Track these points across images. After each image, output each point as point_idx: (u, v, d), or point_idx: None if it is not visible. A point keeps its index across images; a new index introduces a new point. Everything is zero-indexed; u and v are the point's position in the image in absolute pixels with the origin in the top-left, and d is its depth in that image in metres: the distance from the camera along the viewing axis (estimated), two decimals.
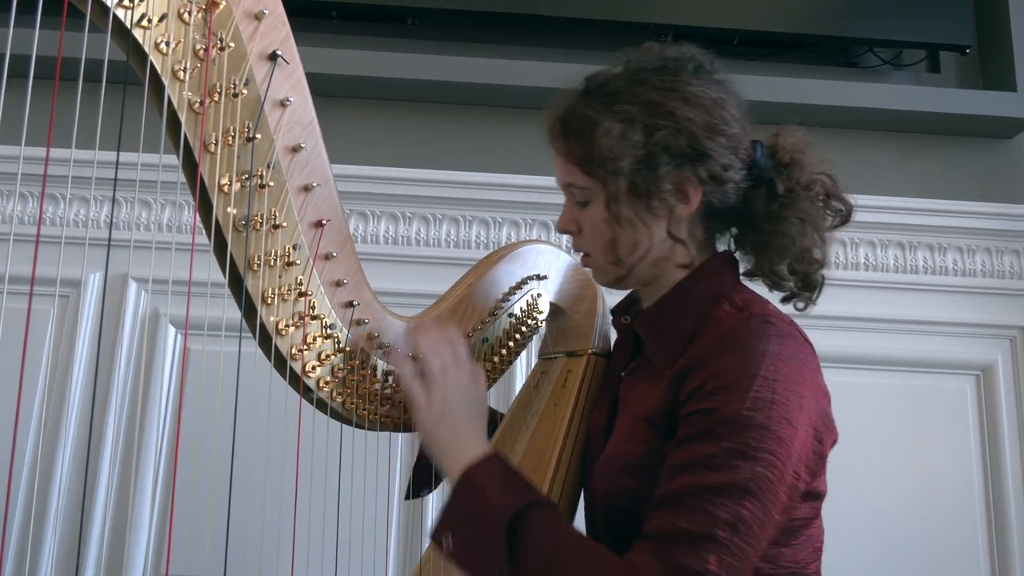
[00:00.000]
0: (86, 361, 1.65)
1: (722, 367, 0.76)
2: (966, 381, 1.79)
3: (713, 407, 0.74)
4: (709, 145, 0.82)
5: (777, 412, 0.73)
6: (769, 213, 0.87)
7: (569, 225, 0.90)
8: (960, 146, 1.92)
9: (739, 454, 0.72)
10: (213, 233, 0.78)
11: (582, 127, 0.84)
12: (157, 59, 0.72)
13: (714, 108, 0.83)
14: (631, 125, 0.81)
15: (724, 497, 0.71)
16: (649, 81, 0.84)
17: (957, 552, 1.71)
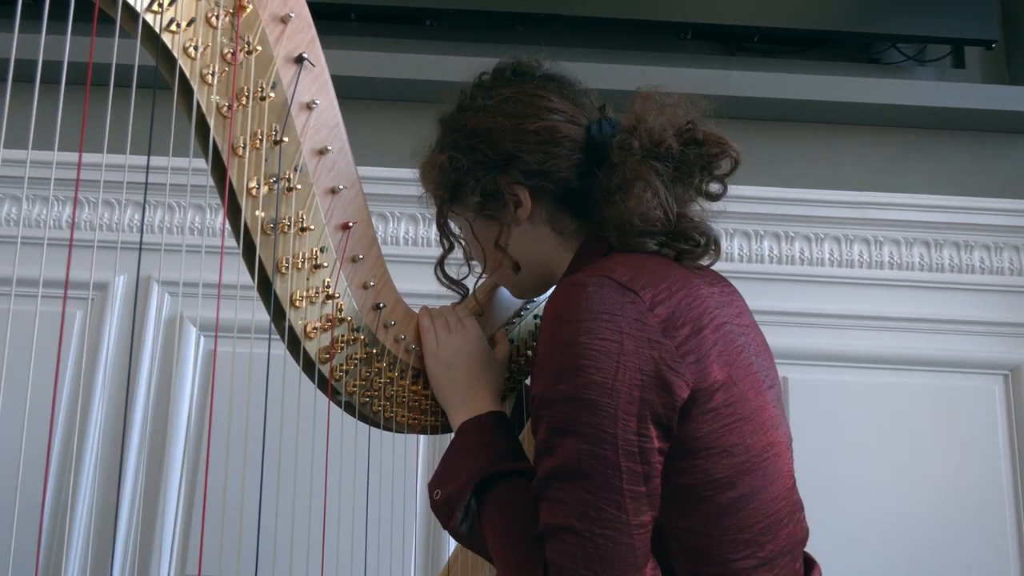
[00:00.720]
0: (111, 364, 1.66)
1: (541, 344, 0.73)
2: (994, 381, 1.76)
3: (536, 391, 0.72)
4: (513, 147, 0.83)
5: (583, 379, 0.67)
6: (601, 185, 0.81)
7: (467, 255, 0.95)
8: (986, 142, 1.89)
9: (560, 433, 0.68)
10: (242, 237, 0.78)
11: (423, 171, 0.92)
12: (185, 63, 0.72)
13: (516, 108, 0.85)
14: (449, 153, 0.86)
15: (563, 481, 0.68)
16: (465, 106, 0.89)
17: (986, 554, 1.69)
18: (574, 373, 0.67)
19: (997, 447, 1.73)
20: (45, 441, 1.57)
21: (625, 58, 1.87)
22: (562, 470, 0.67)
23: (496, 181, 0.83)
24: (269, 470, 0.83)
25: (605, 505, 0.66)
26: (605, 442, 0.66)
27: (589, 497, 0.66)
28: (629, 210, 0.78)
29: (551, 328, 0.72)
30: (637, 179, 0.79)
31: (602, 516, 0.66)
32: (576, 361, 0.67)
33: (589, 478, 0.66)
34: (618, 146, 0.82)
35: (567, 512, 0.67)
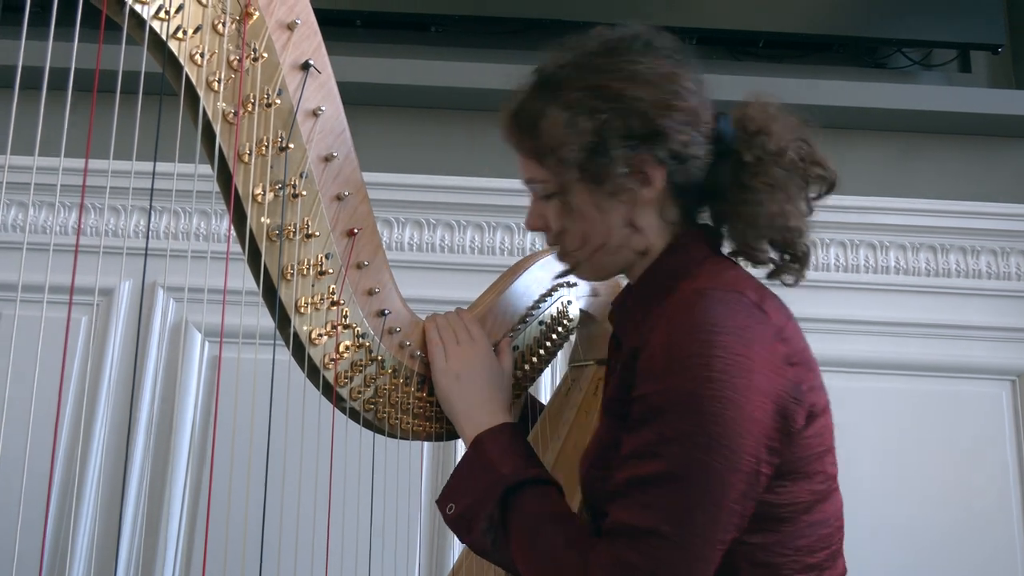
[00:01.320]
0: (116, 369, 1.66)
1: (659, 349, 0.71)
2: (1001, 386, 1.75)
3: (648, 392, 0.70)
4: (664, 123, 0.77)
5: (716, 391, 0.66)
6: (737, 183, 0.81)
7: (536, 221, 0.86)
8: (993, 147, 1.88)
9: (674, 440, 0.67)
10: (248, 244, 0.78)
11: (531, 120, 0.80)
12: (192, 70, 0.72)
13: (665, 83, 0.79)
14: (577, 112, 0.77)
15: (663, 487, 0.67)
16: (593, 64, 0.80)
17: (994, 561, 1.68)
18: (702, 384, 0.67)
19: (1004, 452, 1.72)
20: (51, 446, 1.58)
21: None
22: (662, 476, 0.67)
23: (636, 156, 0.77)
24: (274, 477, 0.83)
25: (700, 516, 0.66)
26: (720, 456, 0.66)
27: (687, 505, 0.66)
28: (766, 215, 0.78)
29: (680, 335, 0.70)
30: (776, 185, 0.79)
31: (694, 526, 0.66)
32: (706, 373, 0.67)
33: (692, 487, 0.66)
34: (752, 146, 0.80)
35: (658, 517, 0.66)
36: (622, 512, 0.69)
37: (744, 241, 0.81)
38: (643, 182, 0.79)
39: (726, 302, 0.71)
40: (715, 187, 0.82)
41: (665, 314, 0.73)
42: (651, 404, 0.69)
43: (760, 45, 1.89)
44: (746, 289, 0.73)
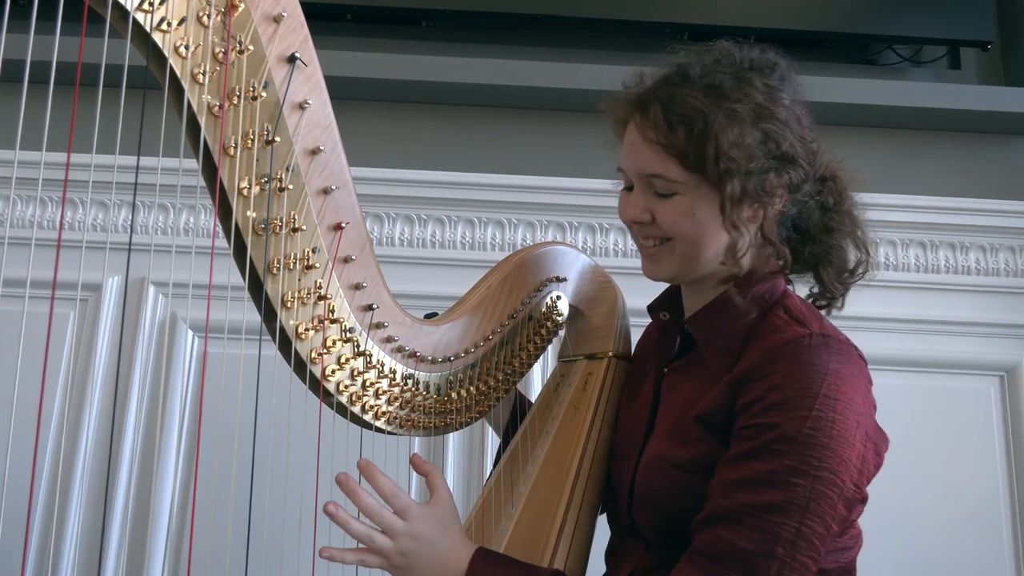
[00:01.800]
0: (105, 365, 1.65)
1: (783, 383, 0.77)
2: (990, 382, 1.76)
3: (773, 423, 0.76)
4: (800, 152, 0.84)
5: (837, 431, 0.75)
6: (824, 225, 0.89)
7: (642, 215, 0.86)
8: (982, 143, 1.89)
9: (800, 472, 0.73)
10: (233, 237, 0.78)
11: (692, 119, 0.80)
12: (176, 63, 0.72)
13: (802, 117, 0.85)
14: (745, 127, 0.80)
15: (784, 515, 0.73)
16: (752, 81, 0.83)
17: (982, 555, 1.69)
18: (831, 425, 0.75)
19: (992, 448, 1.73)
20: (36, 443, 1.57)
21: (621, 59, 1.86)
22: (790, 505, 0.73)
23: (774, 178, 0.83)
24: (262, 473, 0.82)
25: (815, 539, 0.73)
26: (835, 490, 0.74)
27: (806, 531, 0.73)
28: (846, 254, 0.90)
29: (808, 377, 0.77)
30: (849, 231, 0.90)
31: (810, 547, 0.73)
32: (834, 415, 0.75)
33: (813, 517, 0.73)
34: (831, 191, 0.89)
35: (775, 543, 0.72)
36: (733, 535, 0.74)
37: (828, 280, 0.91)
38: (769, 204, 0.84)
39: (843, 352, 0.80)
40: (807, 225, 0.90)
41: (780, 349, 0.79)
42: (777, 436, 0.75)
43: (752, 41, 1.89)
44: (842, 336, 0.83)
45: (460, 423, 0.99)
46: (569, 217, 1.76)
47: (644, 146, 0.84)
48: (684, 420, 0.85)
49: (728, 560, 0.73)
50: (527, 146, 1.84)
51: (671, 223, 0.84)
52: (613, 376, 1.04)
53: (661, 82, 0.85)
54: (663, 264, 0.89)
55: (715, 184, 0.81)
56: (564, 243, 1.09)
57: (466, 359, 0.97)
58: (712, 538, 0.75)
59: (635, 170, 0.86)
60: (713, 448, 0.81)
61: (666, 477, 0.85)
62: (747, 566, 0.72)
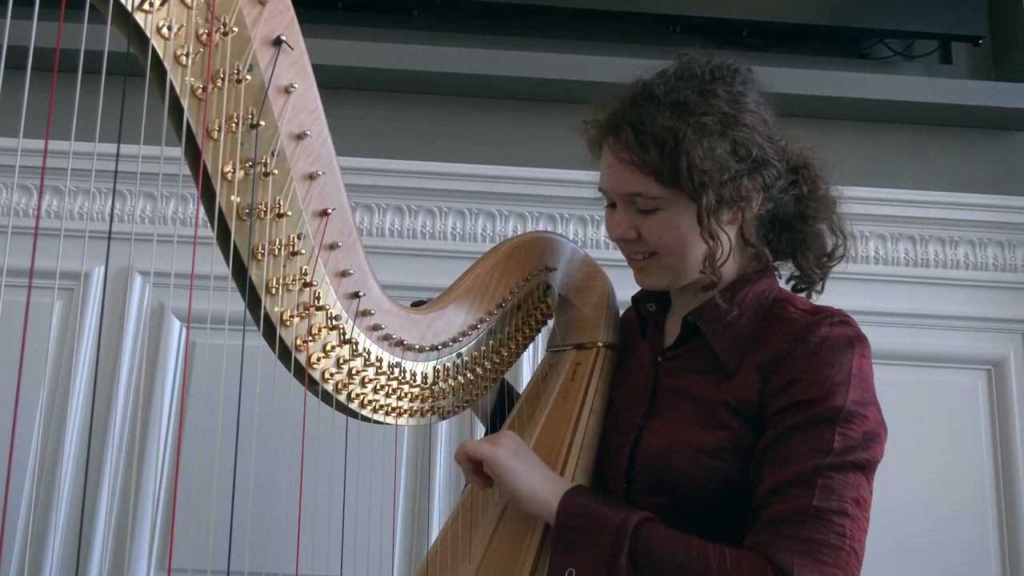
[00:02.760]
0: (90, 354, 1.64)
1: (818, 363, 0.82)
2: (977, 376, 1.77)
3: (818, 396, 0.81)
4: (769, 153, 0.87)
5: (867, 405, 0.82)
6: (800, 213, 0.94)
7: (628, 232, 0.91)
8: (972, 138, 1.89)
9: (850, 439, 0.80)
10: (216, 222, 0.77)
11: (662, 138, 0.84)
12: (159, 44, 0.70)
13: (767, 117, 0.89)
14: (714, 138, 0.84)
15: (848, 475, 0.78)
16: (716, 92, 0.86)
17: (968, 548, 1.70)
18: (865, 399, 0.83)
19: (980, 441, 1.74)
20: (24, 434, 1.55)
21: (613, 50, 1.86)
22: (851, 466, 0.79)
23: (749, 182, 0.87)
24: (246, 461, 0.82)
25: (869, 499, 0.80)
26: (877, 454, 0.82)
27: (864, 492, 0.79)
28: (824, 245, 0.95)
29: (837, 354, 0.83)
30: (824, 216, 0.94)
31: (867, 507, 0.80)
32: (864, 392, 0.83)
33: (866, 477, 0.80)
34: (804, 179, 0.93)
35: (843, 500, 0.78)
36: (806, 497, 0.77)
37: (807, 266, 0.95)
38: (747, 208, 0.88)
39: (860, 332, 0.87)
40: (783, 217, 0.94)
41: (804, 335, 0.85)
42: (826, 409, 0.80)
43: (744, 34, 1.89)
44: None
45: (447, 412, 0.98)
46: (560, 208, 1.75)
47: (620, 167, 0.88)
48: (708, 406, 0.88)
49: (807, 521, 0.76)
50: (518, 137, 1.83)
51: (657, 238, 0.89)
52: (602, 366, 1.04)
53: (628, 103, 0.89)
54: (653, 275, 0.94)
55: (692, 196, 0.85)
56: (554, 233, 1.09)
57: (454, 348, 0.97)
58: (785, 504, 0.78)
59: (615, 190, 0.91)
60: (739, 434, 0.85)
61: (690, 460, 0.86)
62: (825, 524, 0.76)
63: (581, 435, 0.96)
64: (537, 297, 1.08)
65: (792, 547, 0.75)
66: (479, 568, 0.90)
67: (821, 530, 0.76)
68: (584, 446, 0.96)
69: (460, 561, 0.93)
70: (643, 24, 1.87)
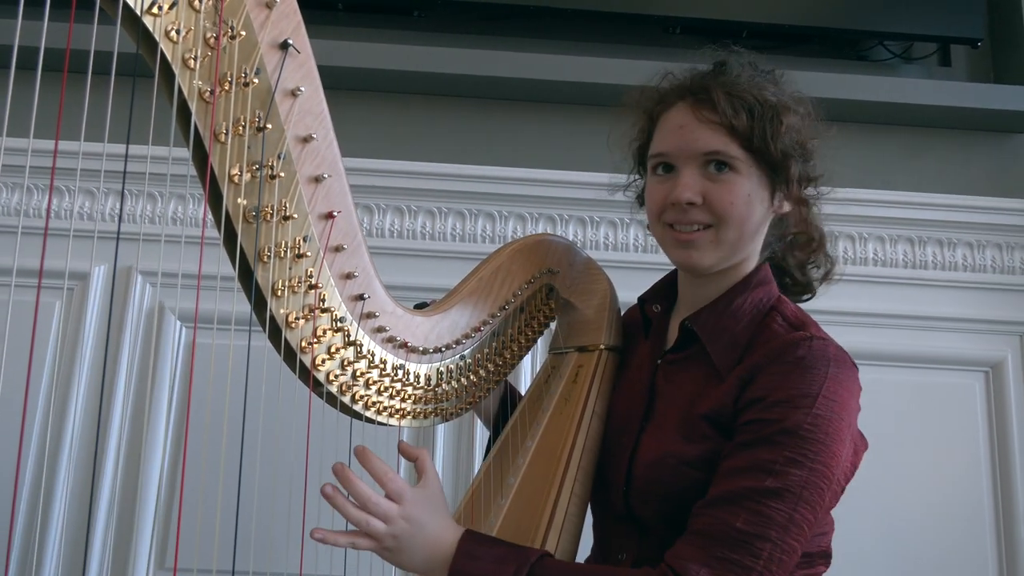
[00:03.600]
0: (91, 354, 1.64)
1: (786, 382, 0.82)
2: (975, 378, 1.78)
3: (776, 418, 0.80)
4: (812, 148, 0.92)
5: (833, 428, 0.80)
6: (799, 216, 0.96)
7: (696, 196, 0.88)
8: (971, 140, 1.90)
9: (797, 463, 0.78)
10: (223, 225, 0.77)
11: (751, 104, 0.87)
12: (167, 47, 0.71)
13: (812, 115, 0.93)
14: (794, 117, 0.88)
15: (780, 501, 0.77)
16: (779, 83, 0.91)
17: (965, 549, 1.71)
18: (827, 423, 0.80)
19: (977, 443, 1.75)
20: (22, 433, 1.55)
21: (613, 52, 1.86)
22: (786, 492, 0.78)
23: (804, 167, 0.91)
24: (250, 463, 0.82)
25: (805, 525, 0.78)
26: (826, 481, 0.79)
27: (798, 517, 0.77)
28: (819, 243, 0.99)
29: (804, 374, 0.82)
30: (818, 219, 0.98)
31: (799, 532, 0.78)
32: (830, 415, 0.80)
33: (804, 504, 0.78)
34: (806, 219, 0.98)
35: (769, 526, 0.77)
36: (731, 517, 0.77)
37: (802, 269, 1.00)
38: (795, 194, 0.91)
39: (840, 358, 0.84)
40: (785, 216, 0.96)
41: (782, 352, 0.84)
42: (779, 429, 0.79)
43: (743, 36, 1.89)
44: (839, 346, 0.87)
45: (450, 414, 0.99)
46: (560, 210, 1.76)
47: (701, 127, 0.88)
48: (690, 416, 0.88)
49: (725, 540, 0.77)
50: (518, 138, 1.83)
51: (728, 204, 0.88)
52: (604, 369, 1.04)
53: (709, 74, 0.92)
54: (705, 250, 0.90)
55: (770, 168, 0.88)
56: (556, 235, 1.09)
57: (457, 350, 0.97)
58: (711, 519, 0.78)
59: (690, 150, 0.89)
60: (718, 445, 0.85)
61: (673, 472, 0.87)
62: (742, 546, 0.76)
63: (583, 438, 0.97)
64: (540, 299, 1.08)
65: (702, 561, 0.76)
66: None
67: (737, 551, 0.76)
68: (586, 449, 0.96)
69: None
70: (643, 26, 1.87)
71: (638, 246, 1.75)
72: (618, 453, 0.95)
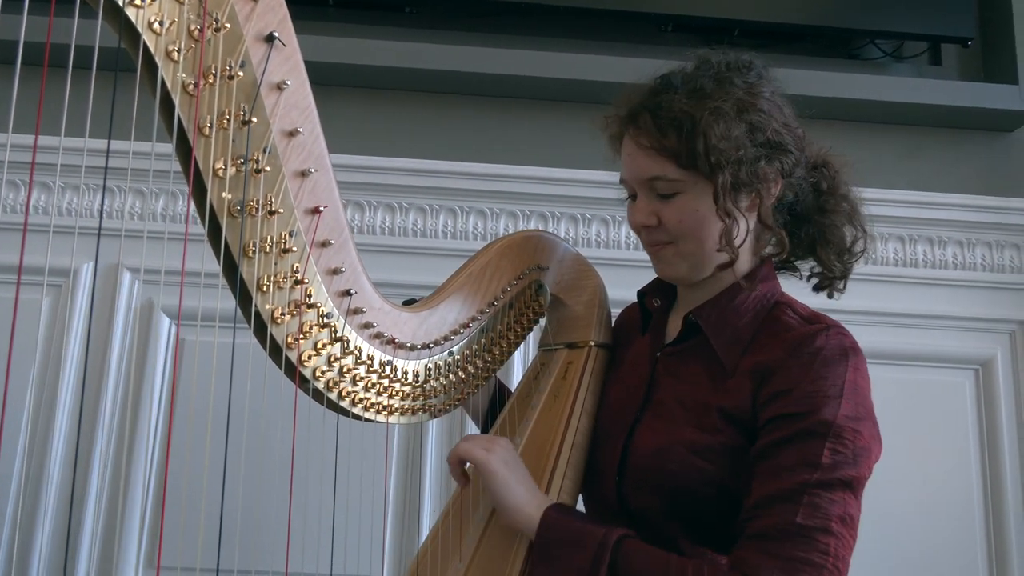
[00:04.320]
0: (79, 351, 1.63)
1: (811, 374, 0.82)
2: (965, 375, 1.78)
3: (808, 410, 0.81)
4: (787, 139, 0.88)
5: (861, 418, 0.82)
6: (819, 206, 0.95)
7: (650, 219, 0.91)
8: (961, 139, 1.91)
9: (840, 454, 0.79)
10: (207, 219, 0.76)
11: (680, 121, 0.86)
12: (150, 39, 0.70)
13: (784, 107, 0.90)
14: (730, 121, 0.85)
15: (834, 493, 0.78)
16: (732, 80, 0.88)
17: (954, 546, 1.71)
18: (858, 413, 0.82)
19: (967, 440, 1.76)
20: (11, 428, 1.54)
21: (605, 49, 1.86)
22: (839, 483, 0.78)
23: (766, 167, 0.87)
24: (235, 460, 0.81)
25: (856, 516, 0.79)
26: (867, 469, 0.81)
27: (851, 509, 0.78)
28: (844, 234, 0.94)
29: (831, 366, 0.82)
30: (846, 212, 0.95)
31: (853, 524, 0.79)
32: (858, 407, 0.82)
33: (851, 494, 0.79)
34: (824, 176, 0.94)
35: (828, 518, 0.77)
36: (791, 514, 0.77)
37: (827, 261, 0.95)
38: (765, 192, 0.89)
39: (855, 346, 0.86)
40: (803, 208, 0.94)
41: (800, 344, 0.84)
42: (817, 422, 0.80)
43: (735, 34, 1.89)
44: None
45: (438, 410, 0.98)
46: (552, 207, 1.76)
47: (640, 153, 0.89)
48: (699, 407, 0.88)
49: (790, 538, 0.76)
50: (510, 135, 1.83)
51: (676, 222, 0.89)
52: (594, 365, 1.04)
53: (647, 94, 0.90)
54: (672, 263, 0.93)
55: (709, 178, 0.86)
56: (546, 231, 1.09)
57: (445, 346, 0.97)
58: (769, 519, 0.78)
59: (636, 177, 0.91)
60: (730, 438, 0.85)
61: (681, 461, 0.87)
62: (807, 542, 0.76)
63: (572, 434, 0.96)
64: (529, 296, 1.08)
65: (773, 564, 0.75)
66: (469, 566, 0.90)
67: (803, 548, 0.75)
68: (575, 445, 0.96)
69: (450, 559, 0.93)
70: (635, 23, 1.87)
71: (630, 244, 1.75)
72: (610, 444, 0.95)
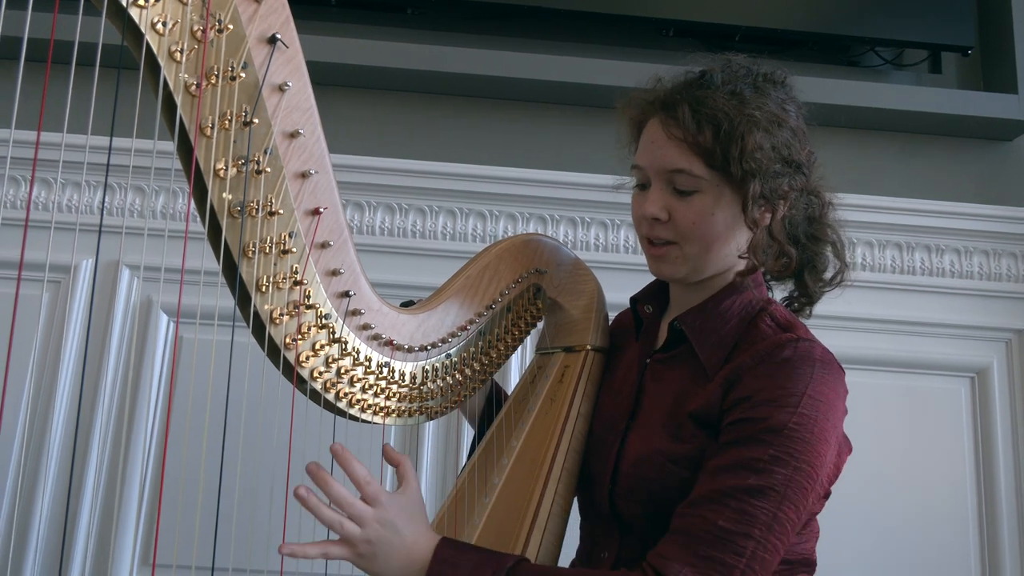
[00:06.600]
0: (77, 348, 1.63)
1: (773, 382, 0.82)
2: (961, 383, 1.79)
3: (761, 416, 0.80)
4: (803, 161, 0.89)
5: (818, 429, 0.80)
6: (811, 234, 0.95)
7: (661, 212, 0.89)
8: (960, 147, 1.91)
9: (782, 462, 0.78)
10: (208, 219, 0.76)
11: (719, 120, 0.85)
12: (153, 39, 0.70)
13: (805, 129, 0.91)
14: (765, 132, 0.85)
15: (764, 500, 0.77)
16: (768, 92, 0.88)
17: (949, 552, 1.71)
18: (812, 423, 0.80)
19: (962, 448, 1.76)
20: (8, 425, 1.54)
21: (606, 53, 1.86)
22: (770, 490, 0.78)
23: (784, 182, 0.87)
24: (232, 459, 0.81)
25: (788, 524, 0.78)
26: (810, 480, 0.79)
27: (781, 516, 0.77)
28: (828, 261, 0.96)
29: (791, 374, 0.82)
30: (829, 241, 0.96)
31: (783, 531, 0.78)
32: (816, 415, 0.80)
33: (788, 503, 0.78)
34: (811, 204, 0.94)
35: (752, 524, 0.77)
36: (714, 515, 0.77)
37: (812, 288, 0.97)
38: (778, 208, 0.89)
39: (826, 360, 0.85)
40: (795, 231, 0.95)
41: (770, 353, 0.84)
42: (764, 427, 0.79)
43: (736, 39, 1.90)
44: (826, 348, 0.87)
45: (435, 412, 0.99)
46: (550, 210, 1.76)
47: (668, 143, 0.87)
48: (677, 415, 0.88)
49: (708, 538, 0.76)
50: (510, 137, 1.83)
51: (689, 223, 0.88)
52: (590, 369, 1.04)
53: (686, 85, 0.89)
54: (671, 263, 0.92)
55: (736, 184, 0.85)
56: (545, 235, 1.09)
57: (442, 348, 0.97)
58: (694, 518, 0.78)
59: (657, 166, 0.89)
60: (704, 444, 0.85)
61: (660, 470, 0.87)
62: (725, 544, 0.76)
63: (568, 438, 0.97)
64: (527, 299, 1.08)
65: (684, 560, 0.76)
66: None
67: (719, 548, 0.76)
68: (571, 449, 0.96)
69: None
70: (636, 27, 1.87)
71: (628, 247, 1.75)
72: (604, 451, 0.95)
